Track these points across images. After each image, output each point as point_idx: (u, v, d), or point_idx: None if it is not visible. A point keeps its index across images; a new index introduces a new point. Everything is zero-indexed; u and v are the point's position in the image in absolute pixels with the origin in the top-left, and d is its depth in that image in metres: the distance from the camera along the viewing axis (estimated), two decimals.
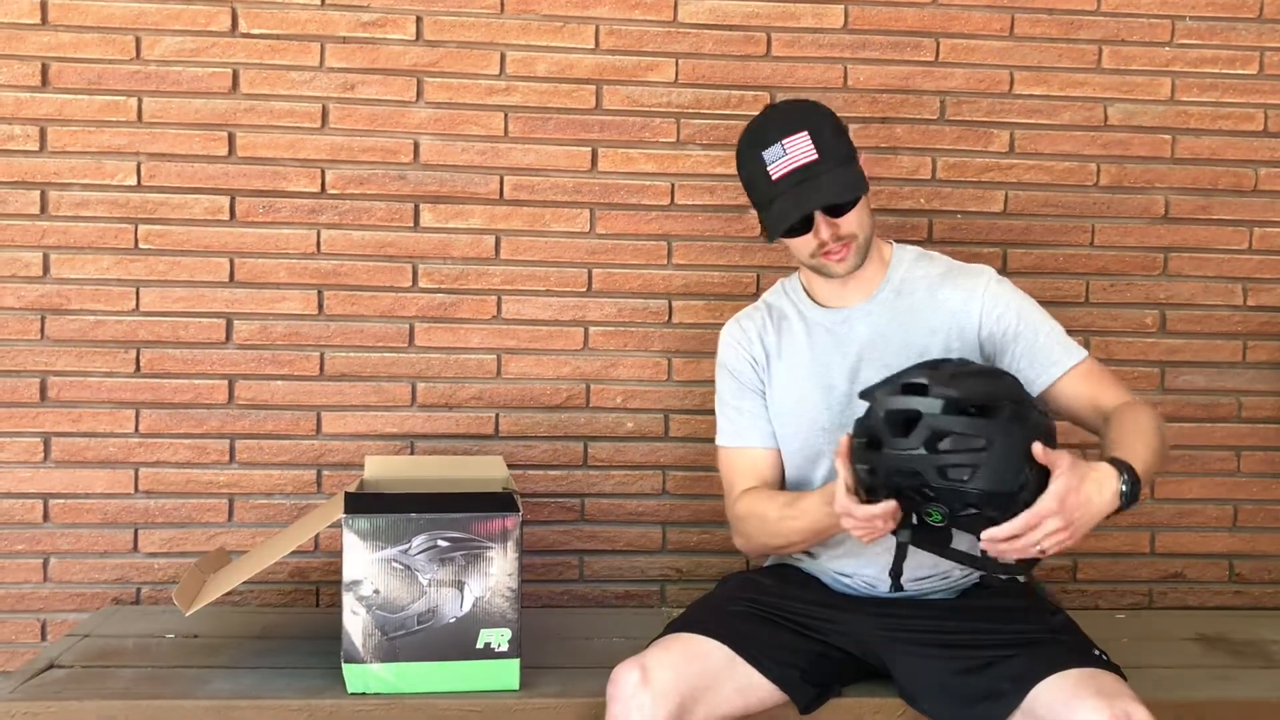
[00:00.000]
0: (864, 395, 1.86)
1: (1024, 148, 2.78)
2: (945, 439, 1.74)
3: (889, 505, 1.78)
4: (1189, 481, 2.84)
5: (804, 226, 2.01)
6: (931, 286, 2.11)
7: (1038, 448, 1.74)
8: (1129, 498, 1.79)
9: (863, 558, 2.09)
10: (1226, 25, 2.80)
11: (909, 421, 1.76)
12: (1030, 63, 2.76)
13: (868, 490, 1.82)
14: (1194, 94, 2.80)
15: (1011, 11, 2.75)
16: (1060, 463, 1.75)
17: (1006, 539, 1.74)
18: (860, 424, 1.85)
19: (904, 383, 1.81)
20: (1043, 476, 1.75)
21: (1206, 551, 2.85)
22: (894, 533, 1.84)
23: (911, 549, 1.87)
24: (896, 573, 1.91)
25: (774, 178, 1.98)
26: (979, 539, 1.76)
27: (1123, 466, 1.81)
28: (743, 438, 2.19)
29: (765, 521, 2.09)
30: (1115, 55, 2.78)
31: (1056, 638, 1.98)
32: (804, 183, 1.96)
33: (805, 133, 1.98)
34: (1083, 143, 2.79)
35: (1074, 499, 1.74)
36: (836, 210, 2.01)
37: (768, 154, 1.98)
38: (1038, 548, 1.75)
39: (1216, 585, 2.86)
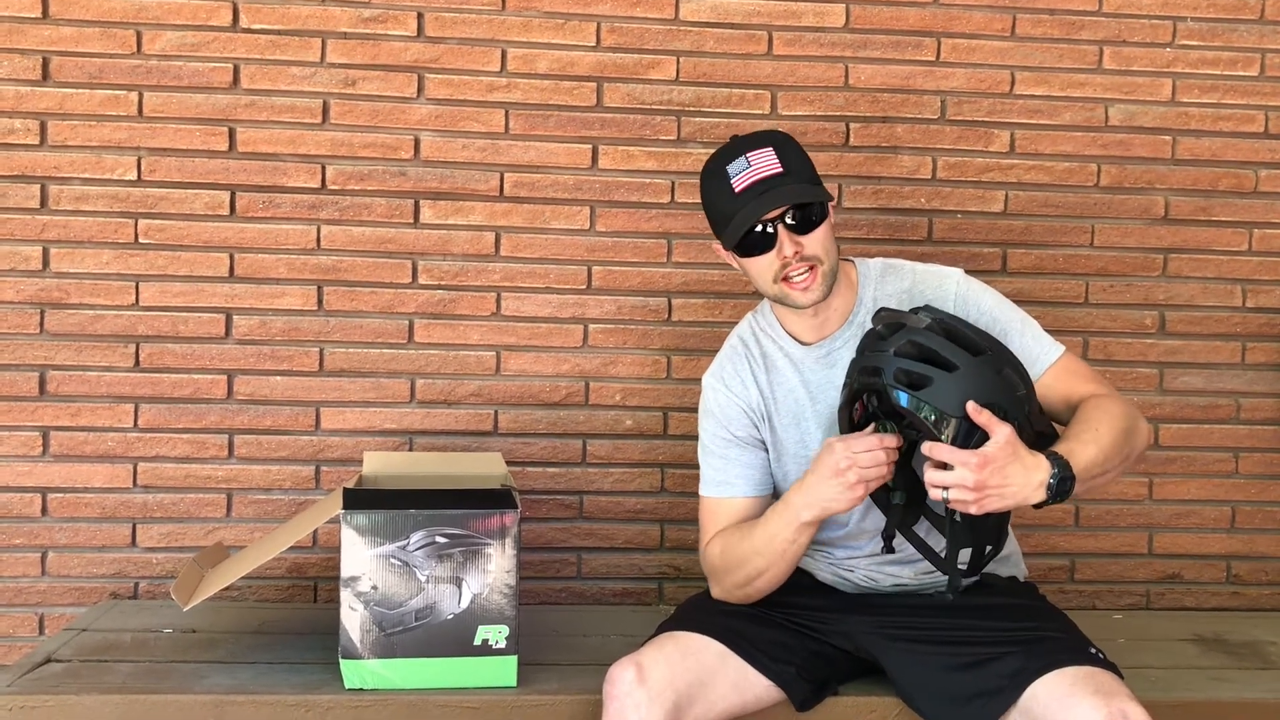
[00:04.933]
0: (878, 313, 2.00)
1: (1024, 148, 2.78)
2: (917, 351, 1.84)
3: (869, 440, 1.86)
4: (1187, 483, 2.84)
5: (765, 244, 1.96)
6: (903, 302, 2.07)
7: (972, 406, 1.79)
8: (1056, 492, 1.81)
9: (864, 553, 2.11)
10: (1228, 26, 2.79)
11: (896, 328, 1.89)
12: (1031, 63, 2.76)
13: (843, 400, 1.95)
14: (1195, 95, 2.80)
15: (1013, 12, 2.75)
16: (997, 435, 1.78)
17: (943, 458, 1.78)
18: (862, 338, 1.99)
19: (913, 307, 1.99)
20: (977, 438, 1.80)
21: (1204, 553, 2.86)
22: (889, 491, 1.93)
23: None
24: (889, 534, 1.96)
25: (737, 190, 1.93)
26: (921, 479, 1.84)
27: (1059, 462, 1.81)
28: (731, 488, 2.11)
29: (730, 550, 2.05)
30: (1116, 56, 2.78)
31: (1053, 636, 1.98)
32: (766, 193, 1.92)
33: (770, 149, 1.96)
34: (1083, 143, 2.79)
35: (995, 469, 1.77)
36: (801, 226, 1.95)
37: (732, 167, 1.95)
38: (942, 493, 1.79)
39: (1214, 586, 2.86)
